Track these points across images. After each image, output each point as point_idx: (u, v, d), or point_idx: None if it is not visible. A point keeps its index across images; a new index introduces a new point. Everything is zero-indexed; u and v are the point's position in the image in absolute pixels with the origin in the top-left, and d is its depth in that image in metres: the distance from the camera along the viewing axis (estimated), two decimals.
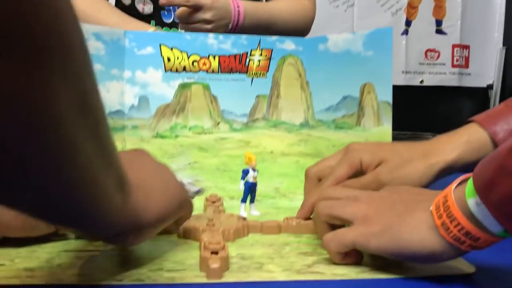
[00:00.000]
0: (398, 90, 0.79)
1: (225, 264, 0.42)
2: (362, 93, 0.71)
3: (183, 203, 0.45)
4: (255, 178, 0.55)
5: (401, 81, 2.35)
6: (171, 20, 0.96)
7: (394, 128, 0.70)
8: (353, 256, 0.44)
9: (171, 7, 0.92)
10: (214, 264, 0.40)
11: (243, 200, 0.56)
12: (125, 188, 0.34)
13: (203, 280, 0.40)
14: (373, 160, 0.55)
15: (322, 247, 0.45)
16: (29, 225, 0.46)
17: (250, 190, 0.56)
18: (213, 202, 0.61)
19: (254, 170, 0.55)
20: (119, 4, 0.95)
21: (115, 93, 0.68)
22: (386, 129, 0.71)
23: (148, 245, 0.48)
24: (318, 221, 0.47)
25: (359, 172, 0.55)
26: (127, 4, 0.95)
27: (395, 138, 0.71)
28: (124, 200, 0.34)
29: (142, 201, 0.38)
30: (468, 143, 0.55)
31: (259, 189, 0.69)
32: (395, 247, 0.40)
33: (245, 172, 0.55)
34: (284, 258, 0.46)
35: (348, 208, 0.45)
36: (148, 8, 0.94)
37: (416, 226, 0.39)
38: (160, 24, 0.95)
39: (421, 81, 2.41)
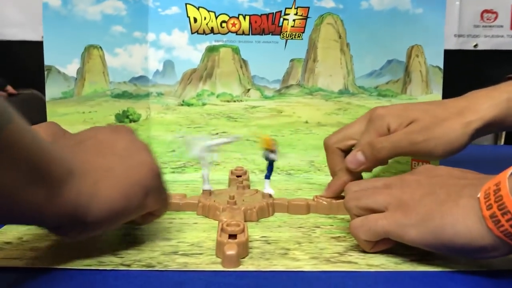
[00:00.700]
0: (449, 55, 0.72)
1: (244, 250, 0.38)
2: (409, 56, 0.64)
3: (153, 192, 0.38)
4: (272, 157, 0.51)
5: (453, 45, 2.24)
6: None
7: (444, 96, 0.63)
8: (385, 243, 0.39)
9: None
10: (230, 251, 0.36)
11: (267, 177, 0.51)
12: (49, 181, 0.31)
13: (218, 267, 0.36)
14: (402, 123, 0.49)
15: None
16: None
17: (272, 166, 0.51)
18: (238, 176, 0.57)
19: (273, 152, 0.50)
20: None
21: (138, 57, 0.64)
22: (435, 97, 0.64)
23: (166, 222, 0.46)
24: (350, 214, 0.41)
25: None
26: None
27: None
28: (53, 193, 0.32)
29: (86, 192, 0.34)
30: (509, 102, 0.49)
31: (291, 162, 0.65)
32: (437, 240, 0.35)
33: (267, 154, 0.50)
34: (313, 243, 0.41)
35: (378, 196, 0.39)
36: None
37: (461, 216, 0.34)
38: None
39: (475, 45, 2.28)
